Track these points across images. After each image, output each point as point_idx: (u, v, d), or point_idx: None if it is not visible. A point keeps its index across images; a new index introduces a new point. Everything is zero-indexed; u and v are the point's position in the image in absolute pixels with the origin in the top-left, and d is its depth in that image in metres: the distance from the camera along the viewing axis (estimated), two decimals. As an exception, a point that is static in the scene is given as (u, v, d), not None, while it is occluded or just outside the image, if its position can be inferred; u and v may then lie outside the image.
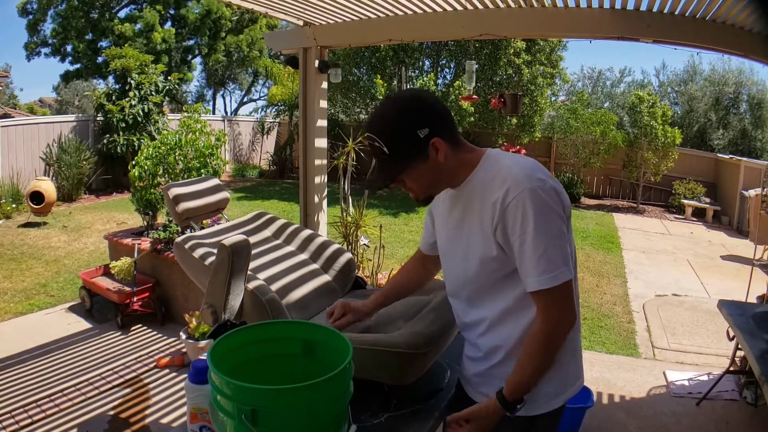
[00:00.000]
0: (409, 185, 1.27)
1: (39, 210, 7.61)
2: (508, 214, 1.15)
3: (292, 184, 12.05)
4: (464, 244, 1.29)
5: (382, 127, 1.21)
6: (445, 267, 1.43)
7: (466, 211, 1.28)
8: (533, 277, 1.14)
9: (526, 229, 1.13)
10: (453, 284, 1.39)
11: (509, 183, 1.16)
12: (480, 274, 1.26)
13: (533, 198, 1.13)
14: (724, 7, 2.59)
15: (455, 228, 1.33)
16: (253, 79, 22.31)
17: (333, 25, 3.82)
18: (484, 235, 1.22)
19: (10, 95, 20.30)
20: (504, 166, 1.22)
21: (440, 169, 1.23)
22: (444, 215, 1.39)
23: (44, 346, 3.70)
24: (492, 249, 1.21)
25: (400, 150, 1.20)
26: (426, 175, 1.24)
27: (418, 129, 1.18)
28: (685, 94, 15.16)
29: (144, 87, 10.00)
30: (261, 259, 2.38)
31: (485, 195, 1.21)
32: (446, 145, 1.21)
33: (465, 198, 1.28)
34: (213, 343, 1.08)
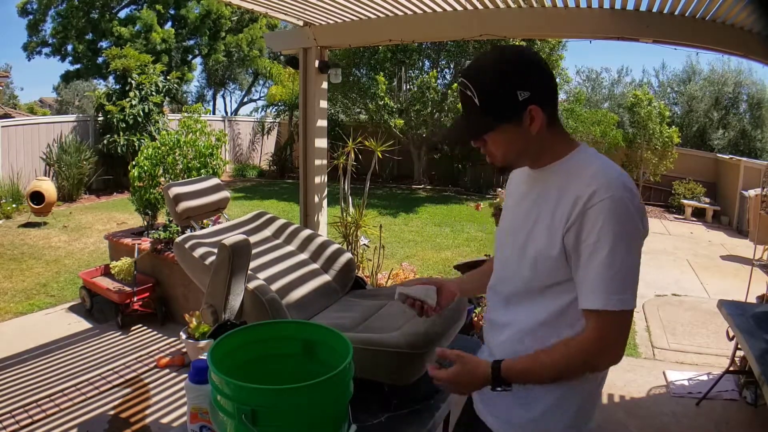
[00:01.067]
0: (490, 148, 1.14)
1: (39, 210, 7.61)
2: (589, 216, 1.03)
3: (292, 184, 12.05)
4: (525, 234, 1.16)
5: (480, 76, 1.08)
6: (498, 253, 1.30)
7: (540, 197, 1.15)
8: (599, 293, 1.01)
9: (604, 239, 1.01)
10: (498, 275, 1.28)
11: (599, 183, 1.04)
12: (530, 272, 1.14)
13: (621, 207, 1.02)
14: (723, 7, 2.59)
15: (523, 213, 1.19)
16: (253, 79, 22.32)
17: (333, 25, 3.83)
18: (551, 230, 1.09)
19: (10, 95, 20.29)
20: (596, 164, 1.10)
21: (529, 141, 1.11)
22: (516, 196, 1.26)
23: (44, 346, 3.70)
24: (554, 248, 1.08)
25: (493, 106, 1.07)
26: (512, 142, 1.11)
27: (519, 90, 1.05)
28: (685, 94, 15.17)
29: (144, 87, 10.00)
30: (261, 258, 2.39)
31: (567, 186, 1.09)
32: (544, 117, 1.08)
33: (543, 183, 1.16)
34: (213, 343, 1.08)
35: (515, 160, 1.16)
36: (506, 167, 1.19)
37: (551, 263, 1.10)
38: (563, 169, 1.13)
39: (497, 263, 1.30)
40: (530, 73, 1.08)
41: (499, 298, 1.26)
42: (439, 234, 7.95)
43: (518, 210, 1.23)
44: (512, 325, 1.19)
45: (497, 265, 1.30)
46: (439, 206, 10.23)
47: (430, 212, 9.62)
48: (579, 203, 1.04)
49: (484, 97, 1.07)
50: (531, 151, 1.13)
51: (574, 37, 3.42)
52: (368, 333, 1.80)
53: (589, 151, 1.15)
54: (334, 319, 2.08)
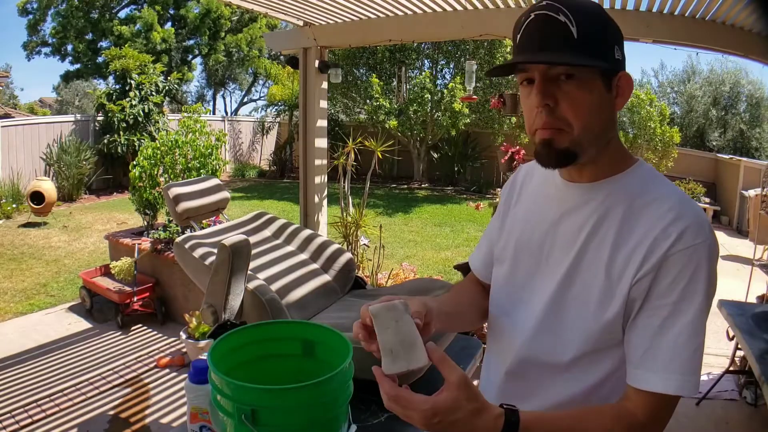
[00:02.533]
0: (563, 107, 0.77)
1: (39, 210, 7.61)
2: (671, 264, 0.75)
3: (292, 184, 12.05)
4: (562, 281, 0.84)
5: (581, 5, 0.77)
6: (499, 310, 0.97)
7: (587, 225, 0.84)
8: (674, 374, 0.74)
9: (690, 299, 0.74)
10: (505, 341, 0.94)
11: (687, 221, 0.76)
12: (569, 337, 0.83)
13: (709, 261, 0.75)
14: (723, 7, 2.59)
15: (558, 248, 0.87)
16: (253, 79, 22.33)
17: (333, 25, 3.83)
18: (610, 278, 0.79)
19: (10, 95, 20.31)
20: (671, 193, 0.81)
21: (610, 121, 0.81)
22: (536, 219, 0.92)
23: (44, 346, 3.70)
24: (613, 304, 0.79)
25: (593, 45, 0.76)
26: (597, 110, 0.79)
27: (616, 44, 0.79)
28: (684, 94, 15.17)
29: (144, 87, 10.00)
30: (261, 259, 2.39)
31: (633, 220, 0.80)
32: (625, 99, 0.82)
33: (594, 205, 0.84)
34: (213, 343, 1.08)
35: (594, 138, 0.80)
36: (569, 152, 0.80)
37: (604, 325, 0.80)
38: (621, 189, 0.83)
39: (498, 324, 0.97)
40: (621, 37, 0.81)
41: (506, 379, 0.93)
42: (438, 234, 7.95)
43: (544, 242, 0.89)
44: (525, 402, 0.85)
45: (498, 327, 0.97)
46: (438, 206, 10.23)
47: (430, 212, 9.62)
48: (659, 246, 0.76)
49: (583, 30, 0.75)
50: (607, 136, 0.82)
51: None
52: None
53: (649, 167, 0.87)
54: (334, 319, 2.08)
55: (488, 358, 1.03)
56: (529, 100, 0.81)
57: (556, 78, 0.77)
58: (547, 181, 0.93)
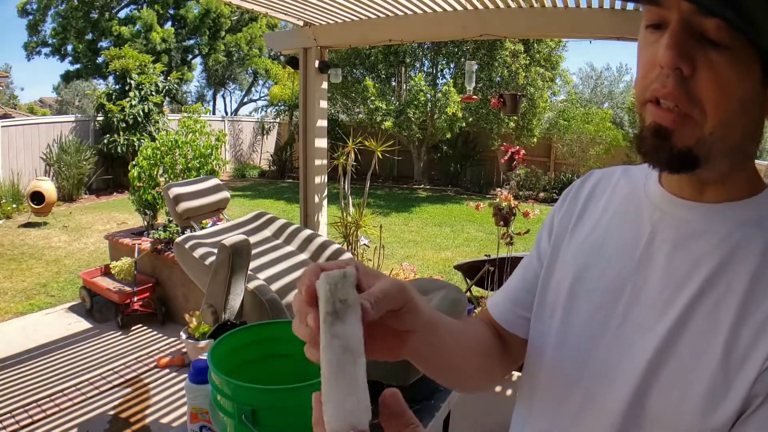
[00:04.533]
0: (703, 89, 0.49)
1: (39, 210, 7.61)
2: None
3: (292, 184, 12.05)
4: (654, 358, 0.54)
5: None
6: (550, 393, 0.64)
7: (702, 273, 0.54)
8: None
9: None
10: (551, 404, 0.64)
11: None
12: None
13: None
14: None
15: (651, 299, 0.57)
16: (253, 79, 22.34)
17: (333, 25, 3.82)
18: (727, 365, 0.51)
19: (10, 95, 20.31)
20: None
21: (754, 120, 0.52)
22: (609, 241, 0.63)
23: (44, 346, 3.70)
24: (728, 404, 0.50)
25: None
26: (746, 106, 0.50)
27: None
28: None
29: (144, 87, 10.00)
30: (261, 259, 2.39)
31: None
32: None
33: (715, 241, 0.55)
34: (213, 343, 1.08)
35: (729, 148, 0.52)
36: (690, 155, 0.52)
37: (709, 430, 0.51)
38: (757, 223, 0.54)
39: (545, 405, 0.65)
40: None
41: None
42: (439, 234, 7.95)
43: (623, 287, 0.59)
44: None
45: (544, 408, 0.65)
46: (438, 206, 10.23)
47: (430, 212, 9.62)
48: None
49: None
50: (748, 145, 0.55)
51: (574, 37, 3.42)
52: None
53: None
54: (334, 319, 2.07)
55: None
56: (651, 51, 0.52)
57: (701, 36, 0.49)
58: (636, 193, 0.63)
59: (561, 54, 11.91)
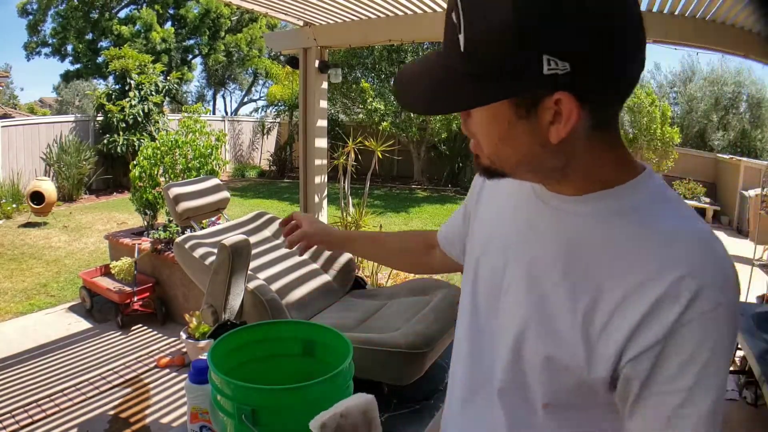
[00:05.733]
0: (471, 128, 0.63)
1: (39, 210, 7.61)
2: (681, 341, 0.55)
3: (292, 184, 12.05)
4: (534, 308, 0.66)
5: (480, 8, 0.53)
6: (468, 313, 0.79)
7: (562, 255, 0.64)
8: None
9: (707, 380, 0.55)
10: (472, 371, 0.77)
11: (703, 279, 0.55)
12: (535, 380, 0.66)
13: (730, 329, 0.56)
14: (723, 7, 2.59)
15: (518, 275, 0.69)
16: (253, 79, 22.34)
17: (333, 25, 3.83)
18: (586, 337, 0.60)
19: (10, 95, 20.30)
20: (685, 229, 0.59)
21: (543, 152, 0.59)
22: (504, 221, 0.74)
23: (44, 346, 3.70)
24: (591, 366, 0.60)
25: (488, 60, 0.53)
26: (511, 140, 0.60)
27: (548, 52, 0.51)
28: (685, 94, 15.17)
29: (144, 87, 10.00)
30: (261, 259, 2.39)
31: (624, 261, 0.59)
32: (584, 121, 0.56)
33: (573, 227, 0.64)
34: (213, 343, 1.08)
35: (512, 168, 0.64)
36: (494, 171, 0.65)
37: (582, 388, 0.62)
38: (618, 210, 0.61)
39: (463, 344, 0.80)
40: (595, 26, 0.52)
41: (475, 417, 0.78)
42: (439, 234, 7.94)
43: (507, 258, 0.71)
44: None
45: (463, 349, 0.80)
46: (438, 206, 10.22)
47: (430, 212, 9.62)
48: (664, 310, 0.55)
49: (478, 36, 0.53)
50: (544, 166, 0.62)
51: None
52: (368, 333, 1.80)
53: (658, 182, 0.63)
54: (334, 319, 2.08)
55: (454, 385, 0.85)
56: None
57: None
58: (524, 184, 0.71)
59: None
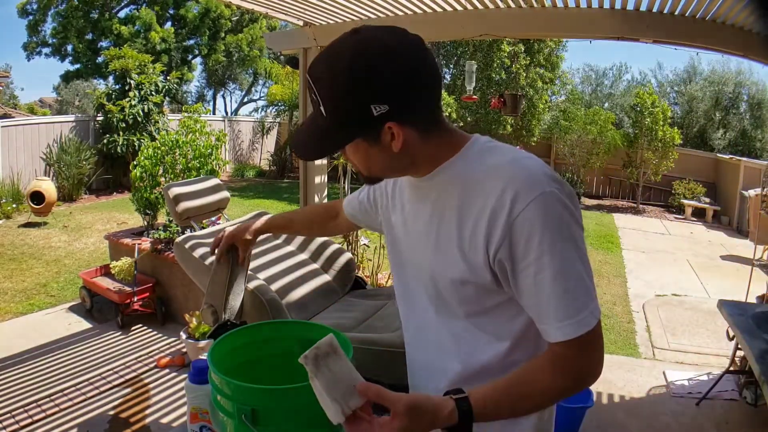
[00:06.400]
0: (350, 157, 0.94)
1: (39, 210, 7.60)
2: (517, 229, 0.80)
3: (292, 184, 12.04)
4: (428, 266, 0.95)
5: (326, 77, 0.82)
6: (398, 278, 1.08)
7: (435, 215, 0.93)
8: (553, 323, 0.82)
9: (547, 253, 0.79)
10: (410, 304, 1.06)
11: (517, 182, 0.81)
12: (454, 300, 0.93)
13: (553, 208, 0.80)
14: (723, 7, 2.59)
15: (418, 238, 0.98)
16: (253, 79, 22.33)
17: (333, 25, 3.82)
18: (464, 254, 0.87)
19: (10, 95, 20.28)
20: (501, 161, 0.87)
21: (394, 158, 0.88)
22: (405, 212, 1.03)
23: (44, 346, 3.70)
24: (476, 272, 0.87)
25: (341, 117, 0.84)
26: (371, 158, 0.90)
27: (372, 103, 0.80)
28: (685, 94, 15.17)
29: (144, 87, 10.00)
30: (261, 259, 2.39)
31: (470, 195, 0.87)
32: (411, 132, 0.85)
33: (434, 195, 0.93)
34: (213, 343, 1.08)
35: (381, 174, 0.95)
36: (372, 179, 0.96)
37: (478, 290, 0.89)
38: (453, 173, 0.90)
39: (402, 293, 1.09)
40: (391, 76, 0.80)
41: (418, 336, 1.08)
42: (439, 234, 7.94)
43: (411, 232, 1.00)
44: (445, 373, 0.98)
45: (404, 296, 1.09)
46: (439, 206, 10.23)
47: (430, 212, 9.62)
48: (499, 216, 0.82)
49: (330, 107, 0.83)
50: (400, 166, 0.91)
51: (574, 37, 3.42)
52: (368, 333, 1.80)
53: (484, 143, 0.91)
54: (334, 319, 2.08)
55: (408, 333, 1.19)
56: None
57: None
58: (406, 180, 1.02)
59: (561, 54, 11.92)
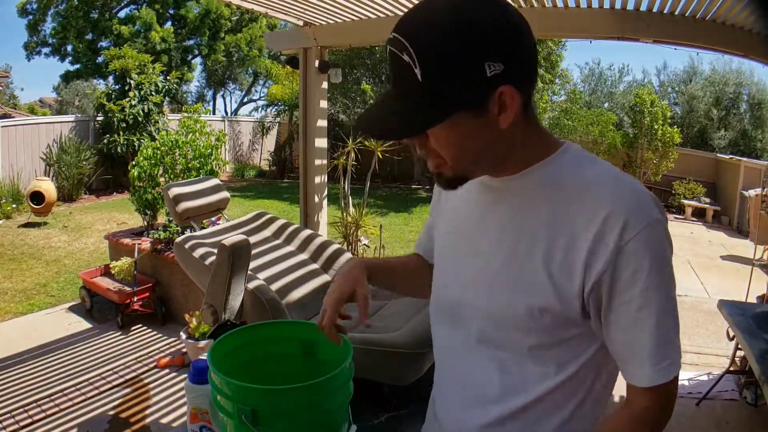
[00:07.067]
0: (432, 148, 0.74)
1: (39, 210, 7.61)
2: (626, 257, 0.71)
3: (292, 184, 12.04)
4: (503, 270, 0.80)
5: (426, 30, 0.67)
6: (440, 290, 0.93)
7: (513, 222, 0.79)
8: (646, 366, 0.74)
9: (653, 289, 0.72)
10: (447, 321, 0.91)
11: (625, 209, 0.71)
12: (519, 329, 0.79)
13: (661, 240, 0.74)
14: (724, 7, 2.59)
15: (486, 246, 0.82)
16: (253, 79, 22.32)
17: (333, 25, 3.82)
18: (552, 278, 0.75)
19: (10, 95, 20.28)
20: (603, 176, 0.76)
21: (496, 139, 0.73)
22: (461, 218, 0.89)
23: (44, 346, 3.70)
24: (564, 301, 0.75)
25: (445, 83, 0.68)
26: (470, 140, 0.73)
27: (488, 60, 0.67)
28: (686, 94, 15.17)
29: (144, 87, 10.00)
30: (261, 259, 2.39)
31: (564, 212, 0.74)
32: (519, 105, 0.71)
33: (517, 201, 0.80)
34: (213, 343, 1.08)
35: (473, 166, 0.77)
36: (458, 178, 0.78)
37: (558, 321, 0.77)
38: (545, 178, 0.78)
39: (438, 316, 0.95)
40: (507, 34, 0.69)
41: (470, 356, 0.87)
42: (439, 234, 7.95)
43: (468, 241, 0.86)
44: (484, 400, 0.85)
45: (440, 319, 0.94)
46: (439, 206, 10.22)
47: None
48: (605, 241, 0.71)
49: (432, 66, 0.67)
50: (497, 153, 0.76)
51: (574, 37, 3.42)
52: (368, 333, 1.80)
53: (576, 148, 0.81)
54: (334, 319, 2.07)
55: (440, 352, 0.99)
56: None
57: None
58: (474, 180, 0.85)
59: (561, 53, 11.92)
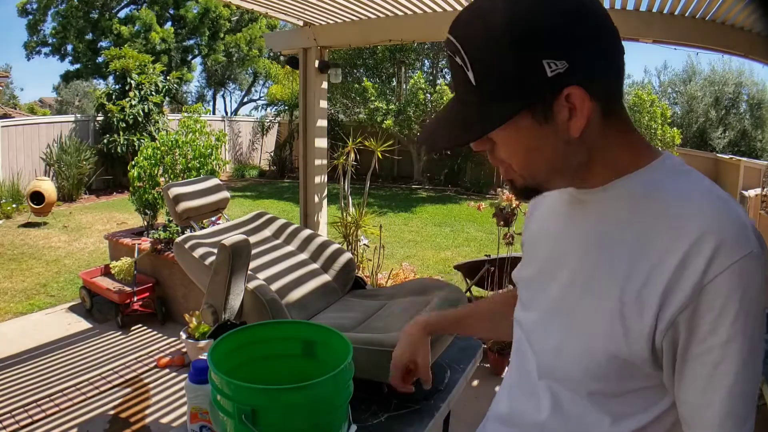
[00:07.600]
0: (499, 154, 0.68)
1: (39, 210, 7.61)
2: (709, 297, 0.58)
3: (292, 184, 12.05)
4: (568, 311, 0.72)
5: (478, 30, 0.61)
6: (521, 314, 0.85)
7: (593, 242, 0.70)
8: (736, 426, 0.61)
9: (738, 336, 0.58)
10: (518, 350, 0.85)
11: (721, 233, 0.59)
12: (581, 374, 0.70)
13: (757, 278, 0.58)
14: (724, 7, 2.59)
15: (566, 273, 0.74)
16: (253, 79, 22.34)
17: (333, 25, 3.82)
18: (622, 315, 0.64)
19: (10, 95, 20.29)
20: (698, 192, 0.64)
21: (568, 148, 0.65)
22: (546, 225, 0.82)
23: (44, 346, 3.70)
24: (631, 344, 0.64)
25: (498, 84, 0.61)
26: (537, 148, 0.65)
27: (545, 57, 0.59)
28: (685, 94, 15.17)
29: (144, 87, 10.00)
30: (261, 259, 2.39)
31: (651, 231, 0.64)
32: (593, 105, 0.62)
33: (599, 214, 0.70)
34: (213, 343, 1.08)
35: (544, 176, 0.68)
36: (529, 188, 0.70)
37: (626, 372, 0.66)
38: (637, 191, 0.67)
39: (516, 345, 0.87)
40: (573, 26, 0.59)
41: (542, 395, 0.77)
42: (438, 234, 7.95)
43: (552, 258, 0.77)
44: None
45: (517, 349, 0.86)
46: (439, 206, 10.23)
47: (430, 212, 9.62)
48: (689, 270, 0.59)
49: (483, 68, 0.61)
50: (572, 163, 0.67)
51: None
52: (368, 333, 1.80)
53: (676, 161, 0.68)
54: (334, 319, 2.08)
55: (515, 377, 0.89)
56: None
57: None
58: (561, 191, 0.76)
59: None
